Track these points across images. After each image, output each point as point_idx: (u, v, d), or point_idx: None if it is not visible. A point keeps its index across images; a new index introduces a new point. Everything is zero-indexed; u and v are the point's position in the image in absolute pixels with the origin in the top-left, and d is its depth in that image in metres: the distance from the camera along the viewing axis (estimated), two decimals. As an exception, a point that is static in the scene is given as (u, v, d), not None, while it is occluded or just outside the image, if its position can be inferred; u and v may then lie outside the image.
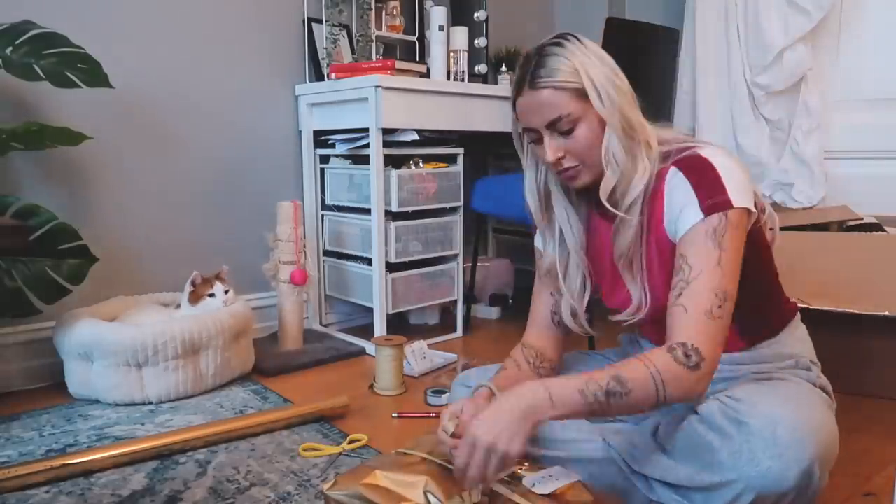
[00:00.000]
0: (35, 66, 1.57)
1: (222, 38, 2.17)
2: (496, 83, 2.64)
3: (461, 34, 2.32)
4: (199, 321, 1.76)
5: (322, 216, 2.41)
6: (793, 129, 2.31)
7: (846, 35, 2.36)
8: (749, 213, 1.04)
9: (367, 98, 2.04)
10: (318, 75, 2.34)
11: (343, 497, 0.95)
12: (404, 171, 2.15)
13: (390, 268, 2.17)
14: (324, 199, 2.40)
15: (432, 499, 0.93)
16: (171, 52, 2.06)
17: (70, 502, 1.23)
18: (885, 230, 1.93)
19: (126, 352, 1.66)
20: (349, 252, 2.30)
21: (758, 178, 2.36)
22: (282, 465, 1.38)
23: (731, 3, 2.40)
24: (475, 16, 2.47)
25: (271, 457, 1.42)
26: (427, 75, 2.23)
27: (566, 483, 0.98)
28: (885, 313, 1.69)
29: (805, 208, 2.25)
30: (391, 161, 2.15)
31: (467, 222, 2.41)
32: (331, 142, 2.28)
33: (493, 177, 2.57)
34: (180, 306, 1.90)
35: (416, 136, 2.13)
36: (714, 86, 2.47)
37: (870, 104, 2.32)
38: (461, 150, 2.30)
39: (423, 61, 2.41)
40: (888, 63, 2.28)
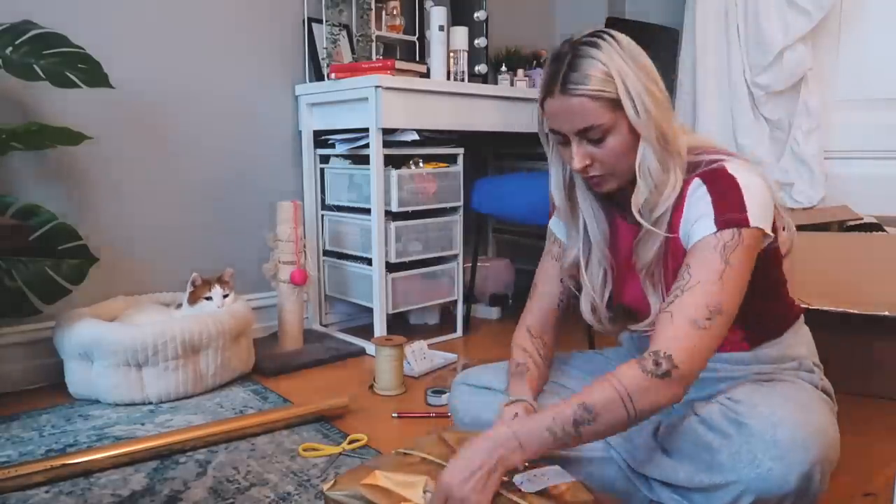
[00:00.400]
0: (35, 66, 1.57)
1: (222, 38, 2.17)
2: (496, 83, 2.64)
3: (461, 34, 2.32)
4: (200, 321, 1.76)
5: (322, 216, 2.41)
6: (793, 129, 2.31)
7: (846, 35, 2.36)
8: (764, 235, 1.02)
9: (367, 98, 2.04)
10: (318, 75, 2.34)
11: (343, 497, 0.95)
12: (404, 171, 2.15)
13: (390, 268, 2.17)
14: (324, 199, 2.40)
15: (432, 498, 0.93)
16: (171, 52, 2.06)
17: (70, 502, 1.23)
18: (885, 230, 1.93)
19: (126, 352, 1.66)
20: (349, 252, 2.30)
21: (758, 178, 2.36)
22: (282, 465, 1.38)
23: (731, 3, 2.40)
24: (475, 16, 2.47)
25: (271, 457, 1.42)
26: (427, 75, 2.23)
27: (557, 483, 0.98)
28: (885, 313, 1.69)
29: (805, 208, 2.25)
30: (391, 161, 2.15)
31: (467, 222, 2.41)
32: (331, 142, 2.28)
33: (493, 177, 2.57)
34: (181, 306, 1.91)
35: (416, 136, 2.13)
36: (714, 86, 2.47)
37: (870, 104, 2.32)
38: (461, 150, 2.30)
39: (423, 61, 2.41)
40: (888, 63, 2.28)
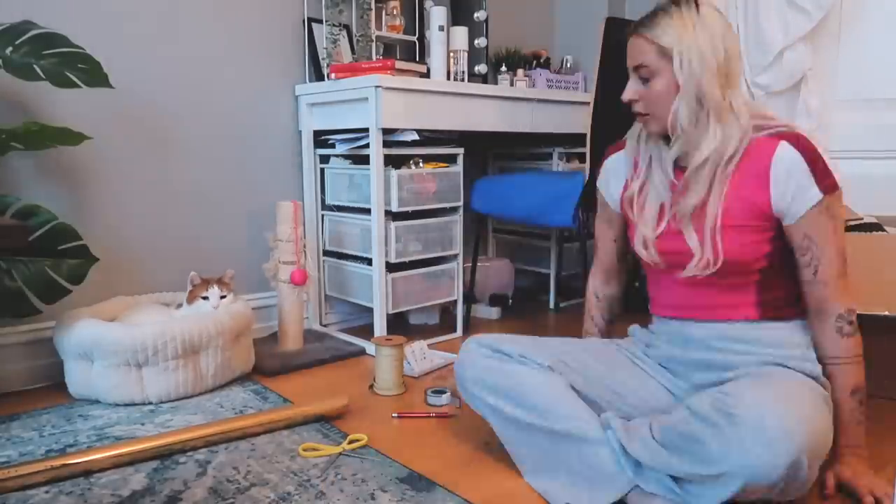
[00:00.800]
0: (35, 66, 1.57)
1: (222, 38, 2.17)
2: (496, 83, 2.64)
3: (461, 34, 2.32)
4: (200, 321, 1.76)
5: (322, 216, 2.41)
6: (793, 129, 2.31)
7: (846, 35, 2.36)
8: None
9: (367, 98, 2.04)
10: (318, 75, 2.34)
11: None
12: (404, 171, 2.15)
13: (390, 268, 2.17)
14: (324, 199, 2.40)
15: None
16: (171, 52, 2.06)
17: (70, 502, 1.23)
18: (885, 230, 1.93)
19: (126, 352, 1.66)
20: (349, 252, 2.30)
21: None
22: (282, 465, 1.38)
23: (731, 3, 2.39)
24: (475, 16, 2.47)
25: (271, 457, 1.42)
26: (427, 75, 2.23)
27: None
28: (885, 313, 1.69)
29: (805, 208, 2.24)
30: (391, 161, 2.15)
31: (467, 222, 2.41)
32: (331, 142, 2.28)
33: (493, 177, 2.57)
34: (181, 306, 1.91)
35: (416, 136, 2.13)
36: (714, 86, 2.46)
37: (870, 104, 2.31)
38: (461, 150, 2.30)
39: (423, 61, 2.41)
40: (888, 63, 2.28)
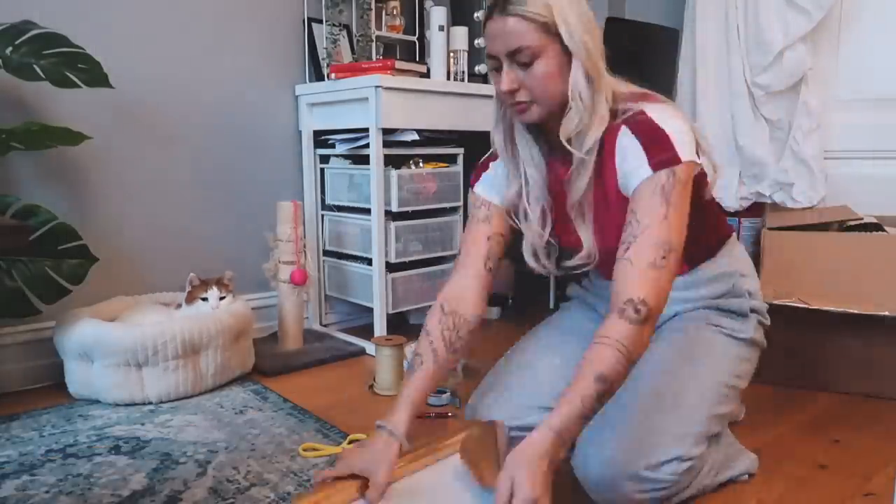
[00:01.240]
0: (35, 66, 1.57)
1: (222, 38, 2.17)
2: (496, 83, 2.64)
3: (461, 34, 2.32)
4: (200, 321, 1.76)
5: (322, 216, 2.41)
6: (793, 130, 2.31)
7: (846, 35, 2.36)
8: (695, 164, 1.10)
9: (367, 98, 2.04)
10: (318, 75, 2.34)
11: None
12: (404, 171, 2.15)
13: (390, 268, 2.17)
14: (324, 199, 2.40)
15: None
16: (171, 52, 2.06)
17: (70, 502, 1.23)
18: (885, 230, 1.93)
19: (126, 352, 1.66)
20: (349, 252, 2.30)
21: (758, 178, 2.36)
22: (282, 465, 1.38)
23: (731, 3, 2.39)
24: (475, 16, 2.47)
25: (271, 457, 1.42)
26: (427, 75, 2.23)
27: None
28: (885, 313, 1.69)
29: (805, 208, 2.25)
30: (391, 161, 2.15)
31: (467, 222, 2.40)
32: (331, 142, 2.28)
33: (493, 177, 2.56)
34: (181, 306, 1.91)
35: (416, 136, 2.13)
36: (714, 86, 2.46)
37: (870, 104, 2.31)
38: (461, 150, 2.30)
39: (423, 61, 2.41)
40: (888, 63, 2.28)
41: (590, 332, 1.31)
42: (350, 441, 1.47)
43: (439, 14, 2.27)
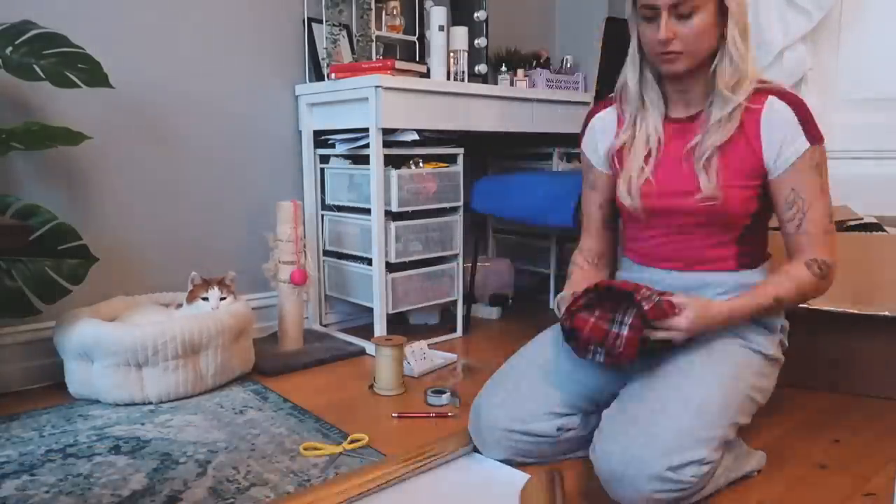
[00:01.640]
0: (35, 66, 1.57)
1: (222, 38, 2.17)
2: (496, 83, 2.64)
3: (461, 34, 2.32)
4: (200, 321, 1.76)
5: (322, 216, 2.41)
6: (793, 130, 2.31)
7: (846, 35, 2.36)
8: None
9: (367, 98, 2.04)
10: (318, 75, 2.34)
11: None
12: (404, 171, 2.15)
13: (390, 268, 2.17)
14: (324, 199, 2.40)
15: None
16: (171, 52, 2.06)
17: (70, 502, 1.23)
18: (885, 230, 1.93)
19: (126, 352, 1.66)
20: (349, 252, 2.30)
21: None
22: (282, 465, 1.38)
23: (731, 3, 2.39)
24: (475, 16, 2.47)
25: (271, 457, 1.42)
26: (427, 75, 2.23)
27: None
28: (885, 313, 1.69)
29: (805, 208, 2.24)
30: (391, 161, 2.15)
31: (467, 222, 2.41)
32: (331, 142, 2.28)
33: (493, 177, 2.57)
34: (181, 306, 1.91)
35: (416, 136, 2.13)
36: (714, 86, 2.46)
37: (870, 104, 2.31)
38: (461, 150, 2.30)
39: (423, 61, 2.41)
40: (888, 63, 2.28)
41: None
42: (350, 441, 1.47)
43: (439, 14, 2.27)
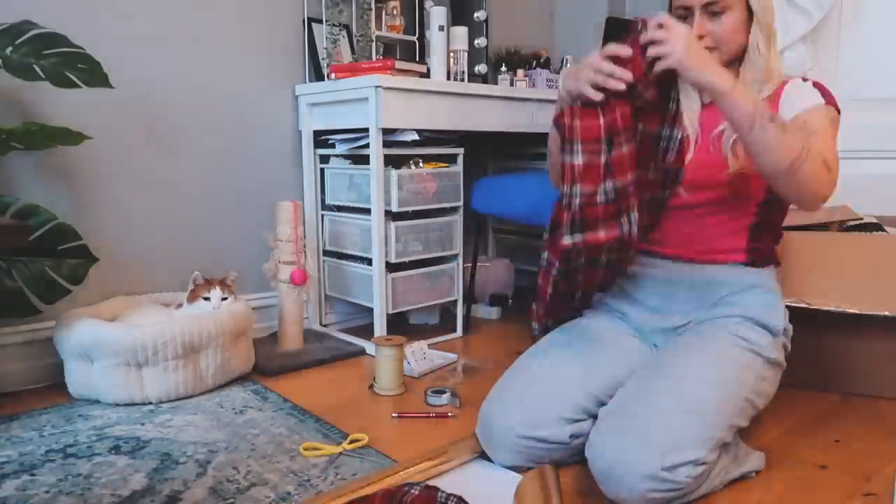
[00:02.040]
0: (35, 66, 1.57)
1: (222, 38, 2.17)
2: (496, 83, 2.64)
3: (461, 34, 2.32)
4: (200, 321, 1.76)
5: (322, 216, 2.41)
6: (793, 129, 2.31)
7: (846, 35, 2.36)
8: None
9: (367, 98, 2.04)
10: (318, 75, 2.34)
11: None
12: (404, 171, 2.15)
13: (390, 268, 2.17)
14: (324, 199, 2.40)
15: None
16: (171, 52, 2.06)
17: (70, 502, 1.23)
18: (885, 230, 1.93)
19: (126, 352, 1.66)
20: (349, 252, 2.30)
21: (758, 178, 2.36)
22: (282, 465, 1.38)
23: (731, 3, 2.39)
24: (475, 16, 2.47)
25: (271, 457, 1.42)
26: (427, 75, 2.23)
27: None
28: (885, 313, 1.69)
29: (805, 208, 2.24)
30: (391, 161, 2.15)
31: (467, 222, 2.41)
32: (331, 142, 2.28)
33: (493, 177, 2.57)
34: (181, 306, 1.91)
35: (416, 136, 2.13)
36: (714, 86, 2.46)
37: (870, 104, 2.31)
38: (461, 150, 2.30)
39: (423, 61, 2.41)
40: (888, 63, 2.28)
41: (615, 339, 1.36)
42: (350, 441, 1.47)
43: (439, 14, 2.27)
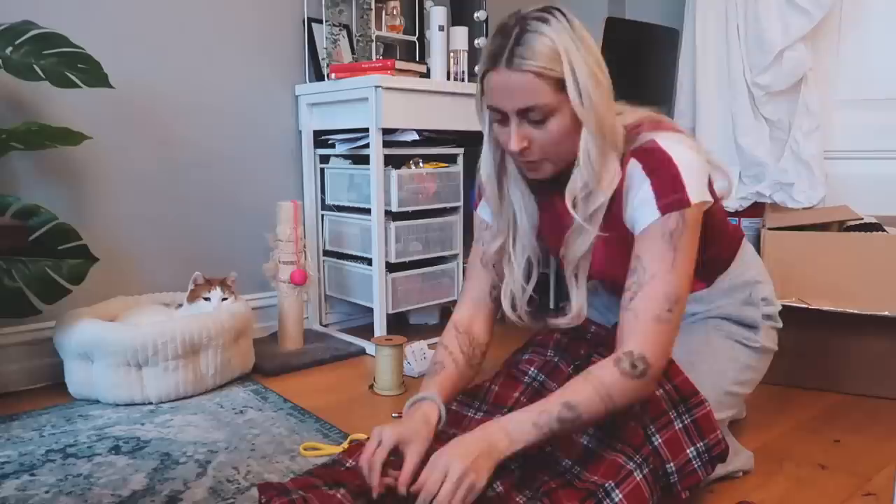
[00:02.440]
0: (35, 66, 1.57)
1: (222, 38, 2.17)
2: (496, 83, 2.64)
3: (461, 34, 2.32)
4: (200, 321, 1.76)
5: (322, 216, 2.41)
6: (793, 130, 2.31)
7: (846, 35, 2.36)
8: (704, 203, 1.05)
9: (367, 98, 2.04)
10: (318, 75, 2.34)
11: None
12: (404, 171, 2.15)
13: (390, 268, 2.17)
14: (324, 199, 2.40)
15: None
16: (171, 52, 2.06)
17: (70, 502, 1.23)
18: (885, 230, 1.93)
19: (126, 352, 1.66)
20: (349, 252, 2.30)
21: (758, 178, 2.36)
22: (282, 465, 1.38)
23: (731, 3, 2.40)
24: (475, 16, 2.47)
25: (271, 457, 1.42)
26: (427, 75, 2.23)
27: None
28: (885, 313, 1.69)
29: (805, 208, 2.25)
30: (391, 161, 2.15)
31: (467, 222, 2.40)
32: (331, 142, 2.28)
33: (493, 177, 2.56)
34: (182, 306, 1.91)
35: (416, 136, 2.13)
36: (714, 86, 2.47)
37: (870, 104, 2.32)
38: (461, 150, 2.30)
39: (423, 61, 2.41)
40: (888, 63, 2.28)
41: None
42: (350, 441, 1.47)
43: (439, 14, 2.27)
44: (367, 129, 2.08)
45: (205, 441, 1.50)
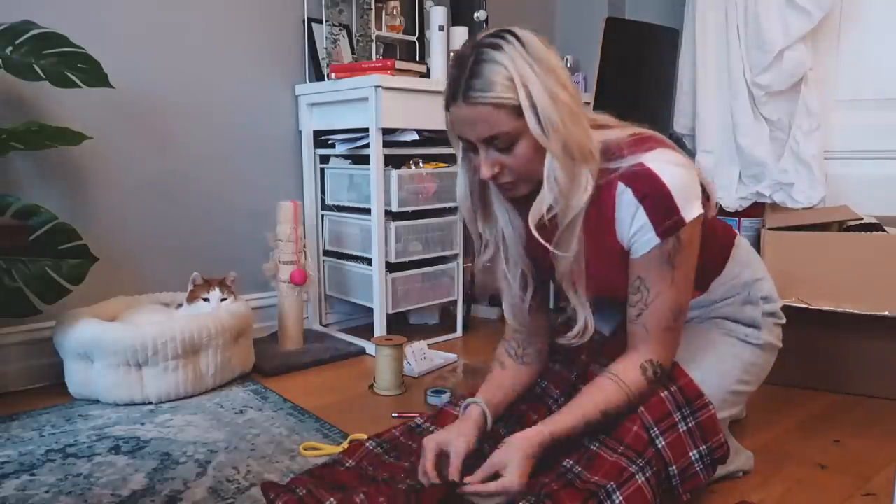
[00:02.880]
0: (35, 66, 1.57)
1: (222, 38, 2.17)
2: (496, 83, 2.64)
3: (461, 34, 2.32)
4: (200, 321, 1.76)
5: (322, 216, 2.41)
6: (793, 130, 2.31)
7: (846, 35, 2.36)
8: (699, 217, 1.08)
9: (367, 98, 2.04)
10: (318, 75, 2.34)
11: None
12: (404, 171, 2.15)
13: (390, 268, 2.17)
14: (324, 199, 2.40)
15: None
16: (171, 52, 2.06)
17: (70, 502, 1.23)
18: (885, 230, 1.93)
19: (126, 352, 1.66)
20: (349, 252, 2.30)
21: (758, 178, 2.36)
22: (282, 465, 1.38)
23: (731, 3, 2.40)
24: (475, 16, 2.47)
25: (271, 457, 1.42)
26: (427, 75, 2.23)
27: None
28: (885, 313, 1.69)
29: (805, 208, 2.25)
30: (391, 161, 2.15)
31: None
32: (331, 142, 2.28)
33: (493, 177, 2.56)
34: (181, 306, 1.91)
35: (416, 136, 2.13)
36: (714, 86, 2.46)
37: (870, 104, 2.31)
38: (461, 150, 2.29)
39: (423, 61, 2.41)
40: (888, 63, 2.28)
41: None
42: (350, 441, 1.47)
43: (439, 14, 2.27)
44: (367, 129, 2.08)
45: (205, 441, 1.50)
